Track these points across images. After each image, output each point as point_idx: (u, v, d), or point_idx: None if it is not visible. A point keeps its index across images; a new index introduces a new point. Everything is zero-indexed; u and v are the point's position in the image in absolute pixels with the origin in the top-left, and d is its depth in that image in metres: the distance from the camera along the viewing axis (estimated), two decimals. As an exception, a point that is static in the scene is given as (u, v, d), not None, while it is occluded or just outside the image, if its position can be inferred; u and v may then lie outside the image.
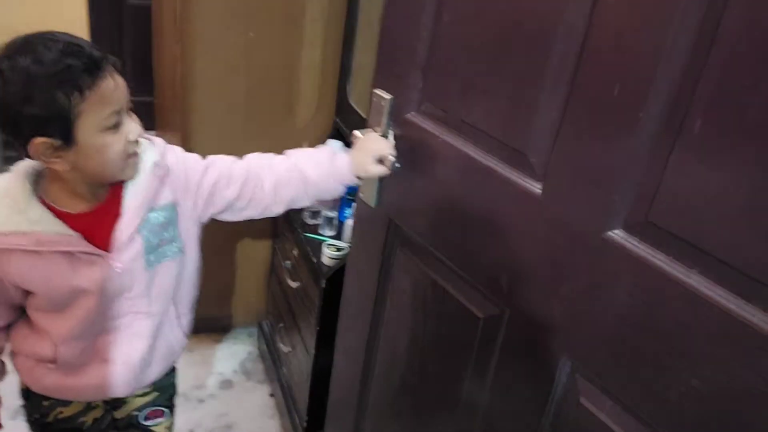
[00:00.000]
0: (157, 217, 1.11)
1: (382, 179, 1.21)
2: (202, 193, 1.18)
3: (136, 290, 1.13)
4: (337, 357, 1.51)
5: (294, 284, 2.00)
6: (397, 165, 1.14)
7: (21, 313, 1.17)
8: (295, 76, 2.10)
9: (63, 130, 0.94)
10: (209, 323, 2.51)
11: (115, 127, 0.99)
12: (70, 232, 1.03)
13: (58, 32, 0.97)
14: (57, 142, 0.95)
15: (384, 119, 1.17)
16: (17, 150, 1.00)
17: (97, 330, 1.14)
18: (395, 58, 1.15)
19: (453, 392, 1.10)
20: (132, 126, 1.02)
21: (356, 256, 1.39)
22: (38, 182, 1.06)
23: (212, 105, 2.04)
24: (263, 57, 2.01)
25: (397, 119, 1.16)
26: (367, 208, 1.28)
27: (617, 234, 0.77)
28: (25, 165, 1.05)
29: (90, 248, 1.05)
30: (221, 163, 1.21)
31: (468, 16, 0.97)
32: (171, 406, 1.40)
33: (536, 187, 0.88)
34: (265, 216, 1.26)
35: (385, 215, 1.24)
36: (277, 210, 1.25)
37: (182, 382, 2.20)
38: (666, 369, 0.72)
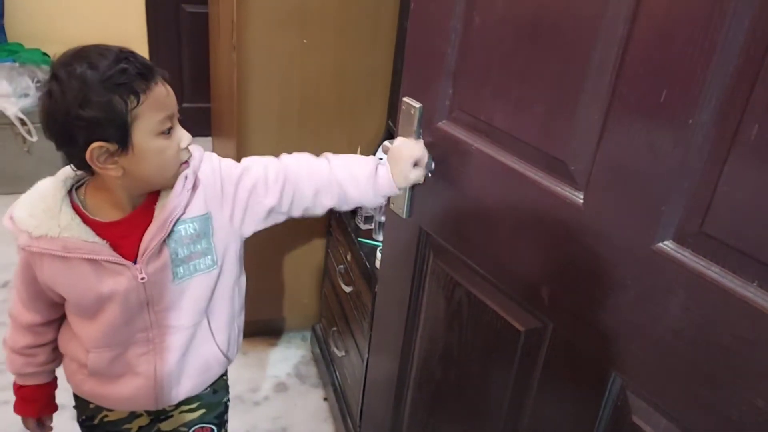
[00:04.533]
0: (186, 228, 1.10)
1: (413, 189, 1.19)
2: (239, 203, 1.17)
3: (163, 303, 1.12)
4: (371, 369, 1.49)
5: (347, 288, 1.99)
6: (432, 166, 1.13)
7: (63, 310, 1.20)
8: (348, 81, 2.11)
9: (120, 134, 0.96)
10: (263, 326, 2.53)
11: (169, 132, 1.01)
12: (97, 239, 1.04)
13: (111, 45, 0.99)
14: (113, 147, 0.97)
15: (414, 128, 1.15)
16: (68, 160, 1.03)
17: (125, 340, 1.15)
18: (423, 64, 1.12)
19: (492, 407, 1.07)
20: (183, 133, 1.05)
21: (388, 267, 1.36)
22: (78, 189, 1.08)
23: (267, 110, 2.06)
24: (316, 63, 2.03)
25: (427, 128, 1.14)
26: (398, 218, 1.25)
27: (668, 245, 0.73)
28: (65, 171, 1.08)
29: (115, 257, 1.06)
30: (256, 169, 1.19)
31: (501, 19, 0.94)
32: (221, 423, 1.39)
33: (577, 197, 0.85)
34: (306, 216, 1.25)
35: (417, 225, 1.21)
36: (320, 212, 1.24)
37: (237, 385, 2.26)
38: (726, 387, 0.69)
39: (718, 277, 0.68)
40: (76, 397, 1.28)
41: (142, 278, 1.08)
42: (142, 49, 3.89)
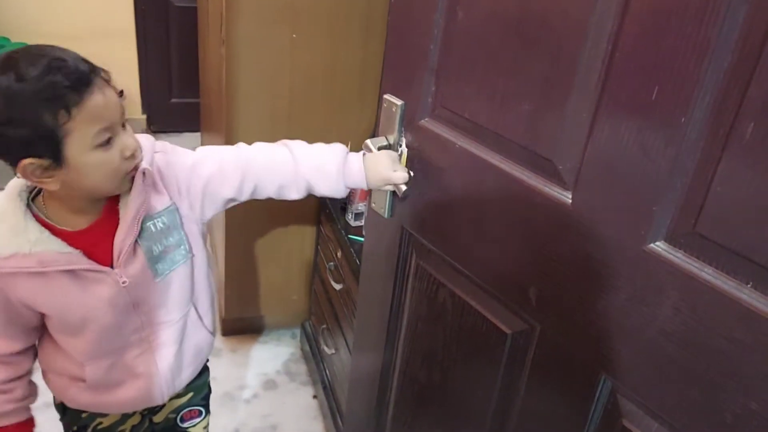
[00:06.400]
0: (156, 224, 1.08)
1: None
2: (196, 194, 1.14)
3: (150, 302, 1.11)
4: (353, 370, 1.47)
5: (337, 286, 1.98)
6: (407, 192, 1.12)
7: (40, 335, 1.15)
8: (338, 76, 2.09)
9: (52, 150, 0.90)
10: (252, 324, 2.52)
11: (108, 143, 0.94)
12: (71, 249, 1.00)
13: (47, 46, 0.92)
14: (46, 162, 0.91)
15: (395, 126, 1.12)
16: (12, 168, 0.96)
17: (120, 346, 1.13)
18: (405, 60, 1.09)
19: (478, 411, 1.06)
20: (127, 141, 0.96)
21: (369, 267, 1.34)
22: (34, 200, 1.02)
23: (257, 106, 2.05)
24: (306, 58, 2.02)
25: (410, 126, 1.11)
26: (380, 218, 1.23)
27: (659, 246, 0.72)
28: (17, 183, 1.02)
29: (92, 265, 1.02)
30: (212, 159, 1.16)
31: (486, 14, 0.91)
32: (206, 405, 1.41)
33: (566, 196, 0.83)
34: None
35: (399, 225, 1.19)
36: (280, 200, 1.24)
37: (226, 382, 2.25)
38: (719, 389, 0.68)
39: (712, 279, 0.67)
40: (63, 410, 1.25)
41: (124, 282, 1.05)
42: (130, 44, 3.86)
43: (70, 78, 0.88)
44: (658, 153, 0.69)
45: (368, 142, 1.16)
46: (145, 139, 1.10)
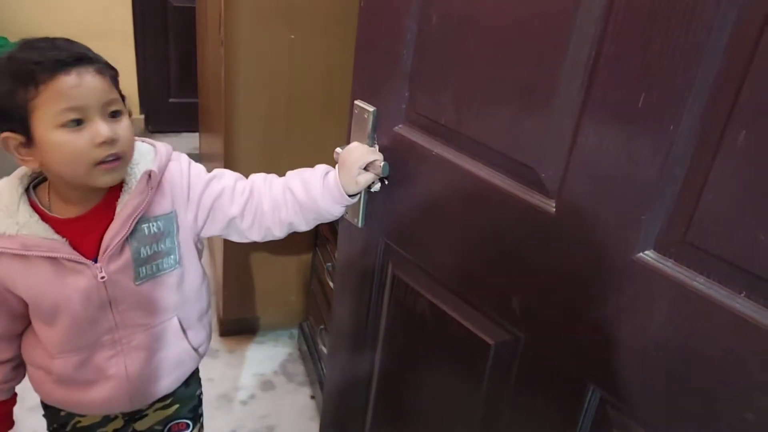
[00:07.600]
0: (150, 227, 1.07)
1: (368, 197, 1.14)
2: (204, 206, 1.14)
3: (126, 303, 1.09)
4: (328, 384, 1.44)
5: (335, 287, 1.97)
6: (387, 171, 1.07)
7: (27, 324, 1.14)
8: (337, 77, 2.08)
9: (22, 125, 0.94)
10: (250, 324, 2.51)
11: (76, 125, 0.93)
12: (56, 236, 1.01)
13: (62, 38, 0.97)
14: (21, 138, 0.95)
15: (368, 133, 1.10)
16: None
17: (91, 343, 1.10)
18: (376, 65, 1.06)
19: (461, 425, 1.04)
20: (100, 128, 0.94)
21: (344, 279, 1.31)
22: (37, 188, 1.05)
23: (255, 106, 2.03)
24: (304, 58, 2.00)
25: (383, 133, 1.08)
26: (353, 227, 1.20)
27: (648, 255, 0.70)
28: (21, 170, 1.05)
29: (74, 255, 1.01)
30: (227, 178, 1.17)
31: (462, 17, 0.89)
32: (195, 417, 1.37)
33: (549, 205, 0.81)
34: (267, 240, 1.21)
35: (375, 235, 1.16)
36: (279, 233, 1.20)
37: (223, 383, 2.23)
38: (713, 400, 0.67)
39: (704, 288, 0.66)
40: (44, 406, 1.23)
41: (102, 277, 1.04)
42: (128, 44, 3.82)
43: (45, 56, 0.91)
44: (646, 161, 0.68)
45: (339, 150, 1.14)
46: (163, 146, 1.12)
